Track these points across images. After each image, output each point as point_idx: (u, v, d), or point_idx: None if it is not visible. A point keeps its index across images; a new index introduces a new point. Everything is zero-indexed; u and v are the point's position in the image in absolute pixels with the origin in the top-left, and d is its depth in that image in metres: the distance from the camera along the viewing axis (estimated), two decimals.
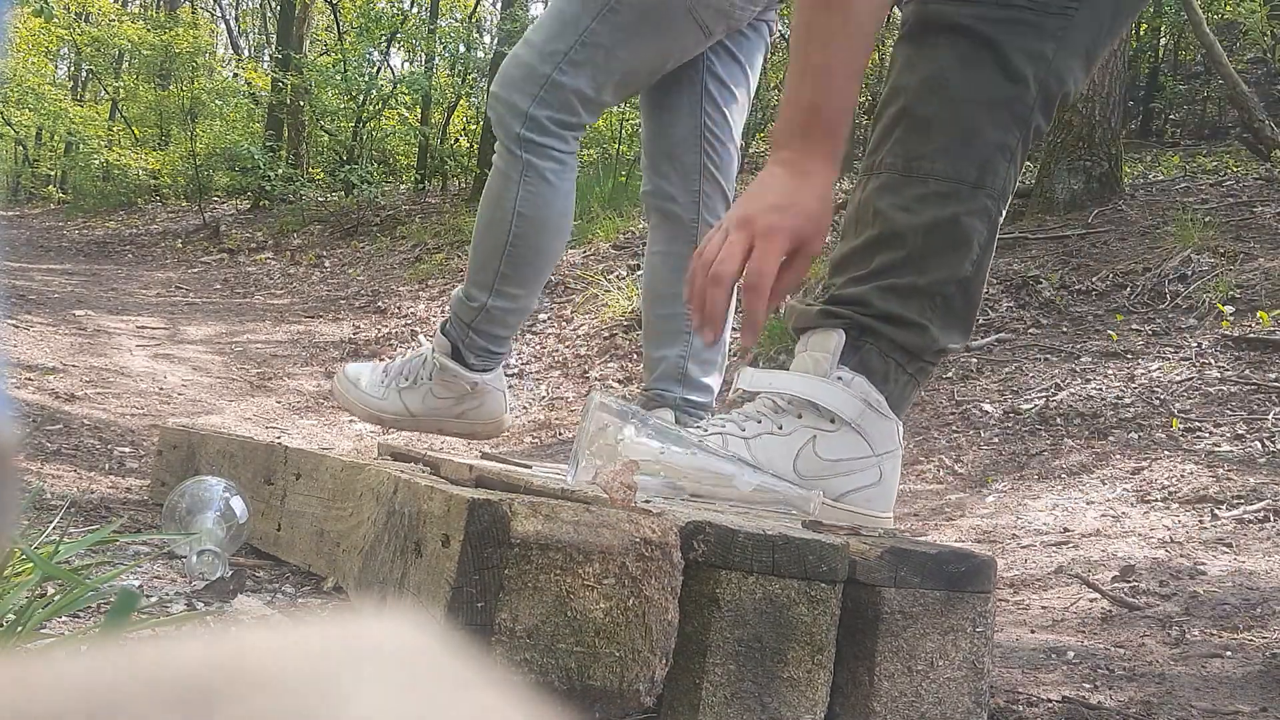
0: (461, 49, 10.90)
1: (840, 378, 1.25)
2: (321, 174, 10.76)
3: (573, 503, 0.86)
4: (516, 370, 4.29)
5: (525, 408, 3.84)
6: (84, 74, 16.56)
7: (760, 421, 1.27)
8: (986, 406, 3.05)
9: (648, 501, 0.98)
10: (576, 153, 1.86)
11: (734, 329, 1.97)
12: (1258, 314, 3.24)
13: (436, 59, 11.40)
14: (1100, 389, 2.98)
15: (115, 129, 13.94)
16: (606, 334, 4.49)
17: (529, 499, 0.85)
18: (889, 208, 1.27)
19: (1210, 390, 2.82)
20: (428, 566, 0.86)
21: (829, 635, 0.88)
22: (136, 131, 13.62)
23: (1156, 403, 2.81)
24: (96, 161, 12.44)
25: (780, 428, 1.26)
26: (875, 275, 1.26)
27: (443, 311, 5.54)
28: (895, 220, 1.26)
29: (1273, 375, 2.85)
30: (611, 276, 5.16)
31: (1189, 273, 3.70)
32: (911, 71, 1.29)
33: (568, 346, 4.51)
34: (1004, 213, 1.31)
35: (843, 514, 1.20)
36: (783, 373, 1.30)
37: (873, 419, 1.25)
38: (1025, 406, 2.99)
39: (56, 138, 15.40)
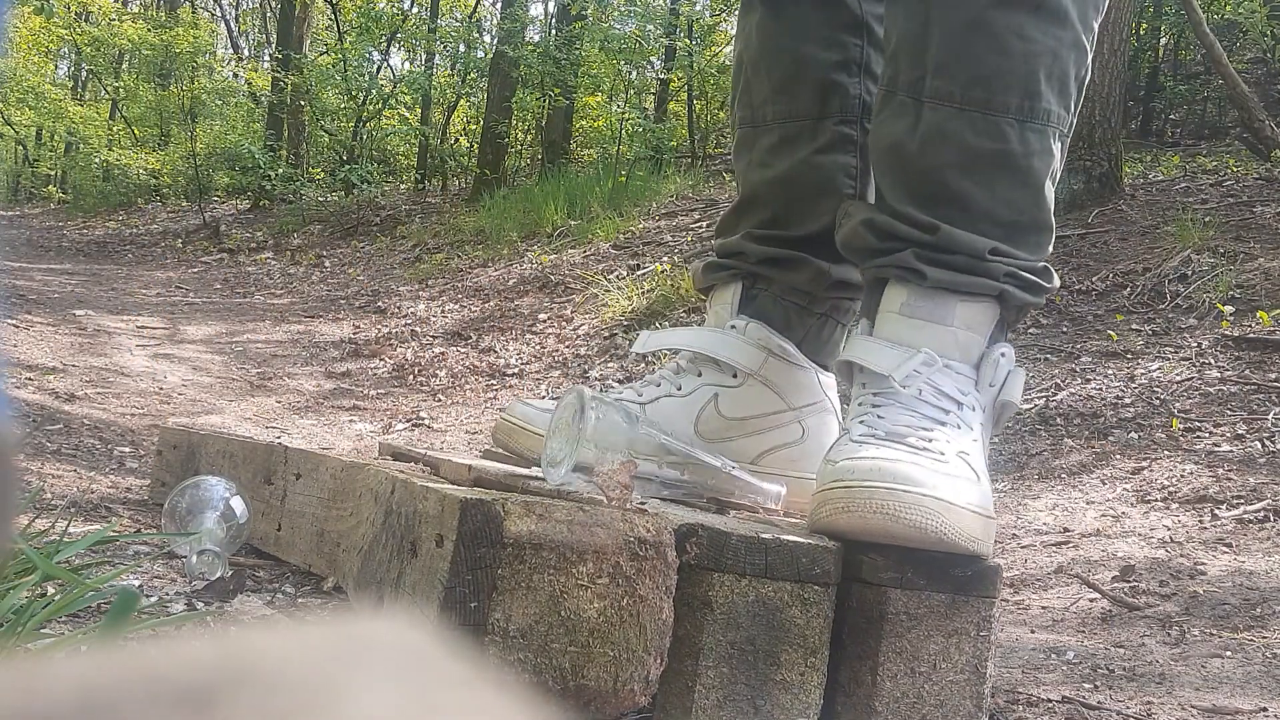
0: (461, 49, 10.90)
1: (734, 326, 1.18)
2: (321, 174, 10.75)
3: (567, 502, 0.86)
4: (517, 370, 4.29)
5: None
6: (84, 74, 16.55)
7: (659, 385, 1.19)
8: None
9: (643, 503, 0.97)
10: None
11: None
12: (1258, 314, 3.23)
13: (436, 59, 11.41)
14: (1100, 389, 2.98)
15: (115, 129, 13.93)
16: (606, 334, 4.49)
17: (523, 498, 0.85)
18: (746, 167, 1.26)
19: (1210, 390, 2.82)
20: (422, 566, 0.86)
21: (822, 638, 0.88)
22: (137, 131, 13.61)
23: (1156, 403, 2.81)
24: (96, 161, 12.44)
25: (680, 388, 1.18)
26: (747, 230, 1.24)
27: (443, 312, 5.54)
28: (751, 179, 1.24)
29: (1273, 375, 2.85)
30: (611, 276, 5.16)
31: (1189, 273, 3.70)
32: (742, 31, 1.29)
33: (568, 346, 4.51)
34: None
35: (768, 478, 1.08)
36: (675, 329, 1.26)
37: (780, 369, 1.16)
38: (1025, 406, 2.99)
39: (56, 138, 15.40)
